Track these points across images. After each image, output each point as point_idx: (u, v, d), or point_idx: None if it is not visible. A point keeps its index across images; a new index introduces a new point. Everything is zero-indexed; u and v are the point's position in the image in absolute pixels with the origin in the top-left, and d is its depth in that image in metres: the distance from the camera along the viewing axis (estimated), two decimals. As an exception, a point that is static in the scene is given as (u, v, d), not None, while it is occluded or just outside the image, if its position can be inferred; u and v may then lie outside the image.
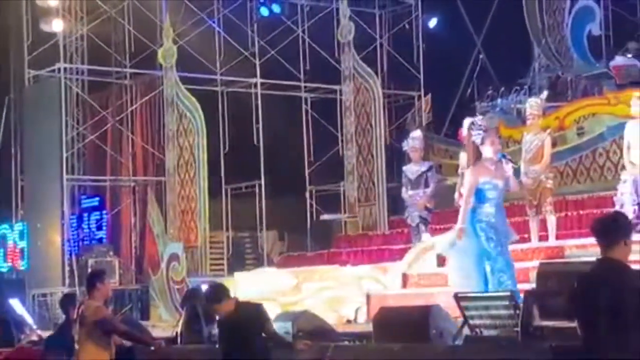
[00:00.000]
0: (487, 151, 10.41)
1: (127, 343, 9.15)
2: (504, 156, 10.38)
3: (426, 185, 14.35)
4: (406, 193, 14.52)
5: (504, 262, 9.98)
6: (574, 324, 6.16)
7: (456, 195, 13.62)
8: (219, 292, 8.20)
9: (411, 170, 14.53)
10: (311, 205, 20.66)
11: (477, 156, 10.54)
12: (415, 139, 14.69)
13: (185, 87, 19.15)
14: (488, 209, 10.13)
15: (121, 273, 19.38)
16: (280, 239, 21.15)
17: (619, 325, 5.72)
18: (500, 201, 10.33)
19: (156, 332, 11.04)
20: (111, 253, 19.41)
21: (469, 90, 21.52)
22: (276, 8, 21.58)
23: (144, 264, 19.46)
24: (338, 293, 14.19)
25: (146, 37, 19.70)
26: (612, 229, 5.98)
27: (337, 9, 20.41)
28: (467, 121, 14.08)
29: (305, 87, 20.86)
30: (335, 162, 20.28)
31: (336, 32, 20.28)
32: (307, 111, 20.83)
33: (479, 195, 10.22)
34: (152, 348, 9.18)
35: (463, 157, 13.73)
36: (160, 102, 19.73)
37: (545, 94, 16.89)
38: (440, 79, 21.32)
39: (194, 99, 19.00)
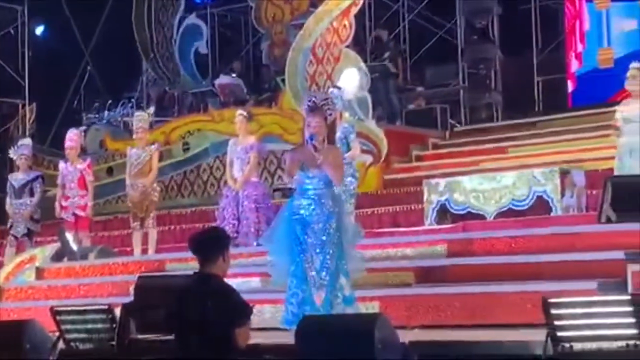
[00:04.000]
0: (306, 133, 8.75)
1: None
2: (311, 138, 8.55)
3: (31, 195, 13.93)
4: (10, 203, 13.99)
5: (297, 269, 8.40)
6: (171, 338, 6.21)
7: (56, 205, 13.33)
8: None
9: (17, 178, 14.01)
10: None
11: (304, 139, 8.86)
12: (23, 146, 14.20)
13: None
14: (303, 201, 8.58)
15: None
16: None
17: (208, 340, 5.81)
18: (322, 193, 8.55)
19: None
20: None
21: (76, 101, 21.25)
22: None
23: None
24: None
25: None
26: (209, 244, 6.06)
27: None
28: (70, 131, 13.88)
29: None
30: None
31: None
32: None
33: (299, 186, 8.67)
34: None
35: (62, 166, 13.46)
36: None
37: (152, 108, 17.09)
38: (46, 88, 20.82)
39: None
